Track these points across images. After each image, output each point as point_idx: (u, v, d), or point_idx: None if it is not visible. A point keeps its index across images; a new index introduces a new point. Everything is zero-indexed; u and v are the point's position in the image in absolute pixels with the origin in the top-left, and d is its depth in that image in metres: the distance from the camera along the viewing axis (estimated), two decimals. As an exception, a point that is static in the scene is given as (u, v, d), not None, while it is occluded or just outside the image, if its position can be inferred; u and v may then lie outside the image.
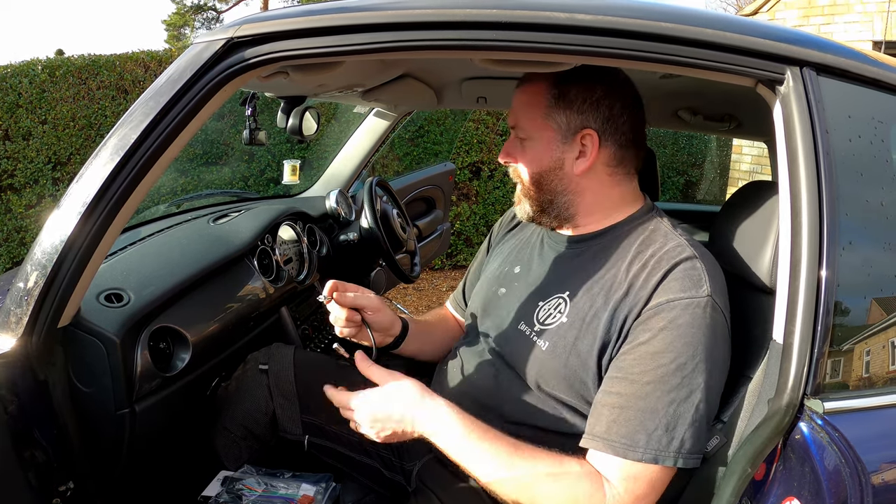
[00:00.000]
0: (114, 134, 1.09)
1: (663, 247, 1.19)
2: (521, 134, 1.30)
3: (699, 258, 1.15)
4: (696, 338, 1.08)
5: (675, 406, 1.06)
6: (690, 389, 1.06)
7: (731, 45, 1.03)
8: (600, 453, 1.09)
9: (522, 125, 1.30)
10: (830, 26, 6.71)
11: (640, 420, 1.06)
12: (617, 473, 1.06)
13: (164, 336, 1.51)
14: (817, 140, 1.01)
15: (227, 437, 1.55)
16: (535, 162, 1.30)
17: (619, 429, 1.07)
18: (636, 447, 1.05)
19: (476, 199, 6.45)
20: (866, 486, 0.93)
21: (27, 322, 1.12)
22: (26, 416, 1.16)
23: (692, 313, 1.09)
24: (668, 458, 1.05)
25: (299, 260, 2.23)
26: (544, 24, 1.01)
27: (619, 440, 1.07)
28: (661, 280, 1.14)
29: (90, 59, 5.54)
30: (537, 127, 1.28)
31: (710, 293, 1.11)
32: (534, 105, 1.28)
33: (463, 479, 1.30)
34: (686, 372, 1.07)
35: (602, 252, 1.26)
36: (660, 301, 1.12)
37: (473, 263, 1.72)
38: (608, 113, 1.25)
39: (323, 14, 1.04)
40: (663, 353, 1.08)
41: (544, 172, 1.29)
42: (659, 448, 1.05)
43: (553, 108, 1.26)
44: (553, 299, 1.27)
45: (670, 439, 1.05)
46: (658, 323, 1.10)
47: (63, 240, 1.09)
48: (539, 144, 1.28)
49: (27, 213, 5.38)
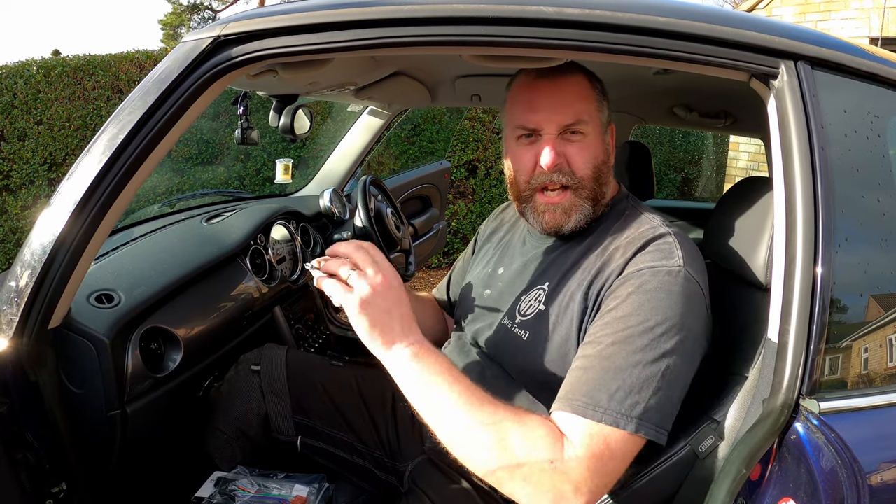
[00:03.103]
0: (103, 133, 1.08)
1: (637, 229, 1.20)
2: (581, 128, 1.23)
3: (672, 234, 1.16)
4: (666, 303, 1.05)
5: (640, 368, 1.02)
6: (658, 354, 1.02)
7: (724, 39, 1.02)
8: (561, 412, 1.04)
9: (585, 119, 1.23)
10: (827, 23, 6.70)
11: (603, 379, 1.02)
12: (576, 432, 1.00)
13: (156, 337, 1.51)
14: (812, 135, 1.00)
15: (219, 437, 1.55)
16: (594, 156, 1.25)
17: (581, 388, 1.03)
18: (597, 406, 1.00)
19: (472, 198, 6.44)
20: (863, 488, 0.92)
21: (17, 323, 1.11)
22: (17, 417, 1.16)
23: (662, 279, 1.08)
24: (630, 423, 0.99)
25: (292, 259, 2.22)
26: (533, 19, 1.00)
27: (580, 398, 1.02)
28: (633, 255, 1.13)
29: (85, 59, 5.53)
30: (595, 119, 1.25)
31: (683, 264, 1.10)
32: (588, 98, 1.24)
33: (455, 481, 1.29)
34: (654, 335, 1.03)
35: (580, 243, 1.27)
36: (630, 271, 1.11)
37: (460, 261, 1.72)
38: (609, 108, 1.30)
39: (310, 11, 1.03)
40: (630, 316, 1.06)
41: (600, 164, 1.26)
42: (620, 411, 0.99)
43: (601, 101, 1.26)
44: (533, 291, 1.27)
45: (633, 403, 1.00)
46: (627, 289, 1.09)
47: (53, 239, 1.09)
48: (594, 137, 1.25)
49: (23, 214, 5.37)
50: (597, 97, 1.26)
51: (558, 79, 1.23)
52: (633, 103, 2.31)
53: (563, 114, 1.22)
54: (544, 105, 1.23)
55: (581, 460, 0.98)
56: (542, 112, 1.22)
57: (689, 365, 1.07)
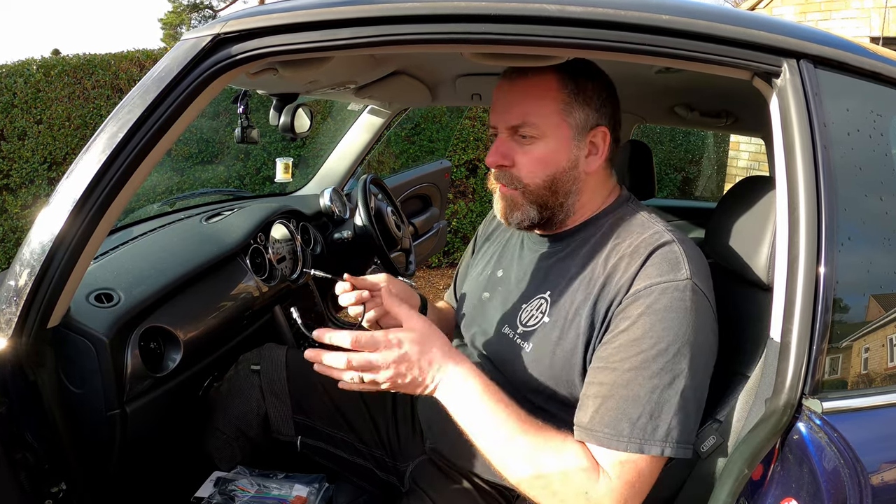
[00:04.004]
0: (102, 131, 1.08)
1: (640, 235, 1.17)
2: (530, 132, 1.20)
3: (677, 242, 1.13)
4: (676, 321, 1.05)
5: (658, 392, 1.03)
6: (674, 375, 1.03)
7: (726, 38, 1.01)
8: (588, 444, 1.06)
9: (534, 122, 1.19)
10: (828, 22, 6.70)
11: (623, 408, 1.03)
12: (606, 462, 1.04)
13: (155, 336, 1.50)
14: (815, 133, 1.00)
15: (219, 437, 1.55)
16: (549, 163, 1.21)
17: (602, 418, 1.05)
18: (620, 436, 1.02)
19: (473, 197, 6.44)
20: (865, 487, 0.92)
21: (16, 322, 1.11)
22: (17, 417, 1.16)
23: (671, 296, 1.07)
24: (654, 447, 1.02)
25: (292, 258, 2.22)
26: (535, 17, 0.99)
27: (603, 430, 1.04)
28: (639, 268, 1.11)
29: (85, 58, 5.52)
30: (552, 123, 1.19)
31: (690, 276, 1.08)
32: (547, 100, 1.19)
33: (456, 481, 1.29)
34: (668, 357, 1.04)
35: (580, 247, 1.24)
36: (638, 288, 1.10)
37: (462, 262, 1.71)
38: (614, 109, 1.24)
39: (309, 9, 1.02)
40: (643, 339, 1.06)
41: (560, 173, 1.21)
42: (644, 437, 1.02)
43: (571, 103, 1.19)
44: (535, 300, 1.25)
45: (655, 427, 1.02)
46: (637, 309, 1.08)
47: (52, 238, 1.08)
48: (554, 143, 1.20)
49: (23, 213, 5.36)
50: (565, 98, 1.19)
51: (519, 79, 1.22)
52: (633, 102, 2.30)
53: (509, 114, 1.21)
54: (498, 105, 1.24)
55: (614, 490, 1.02)
56: (495, 112, 1.24)
57: (704, 377, 1.08)
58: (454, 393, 1.08)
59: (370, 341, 1.05)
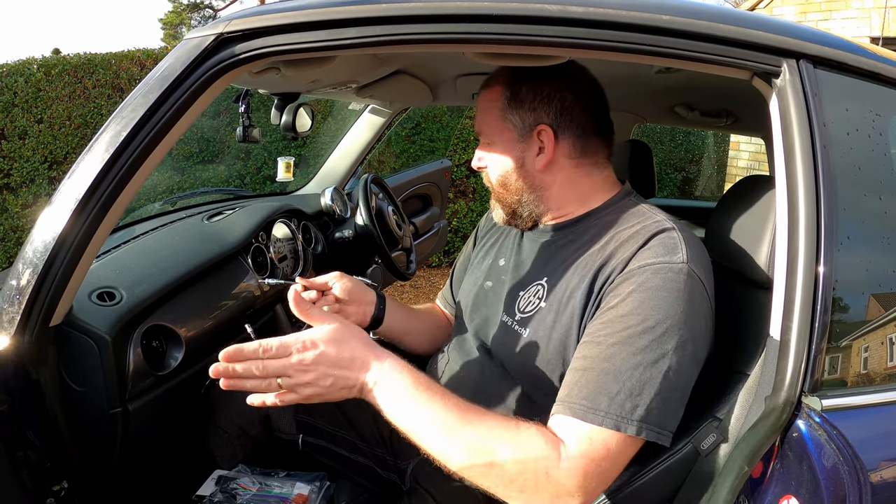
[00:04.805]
0: (105, 131, 1.08)
1: (641, 223, 1.18)
2: (485, 139, 1.33)
3: (677, 230, 1.14)
4: (668, 301, 1.04)
5: (640, 370, 1.01)
6: (659, 354, 1.02)
7: (726, 38, 1.02)
8: (561, 416, 1.03)
9: (484, 130, 1.33)
10: (828, 22, 6.70)
11: (603, 382, 1.01)
12: (574, 436, 1.00)
13: (157, 334, 1.50)
14: (814, 133, 1.00)
15: (221, 436, 1.55)
16: (499, 164, 1.31)
17: (581, 390, 1.03)
18: (597, 410, 1.00)
19: (473, 196, 6.44)
20: (864, 485, 0.92)
21: (19, 321, 1.11)
22: (19, 415, 1.16)
23: (664, 276, 1.06)
24: (631, 426, 0.99)
25: (294, 257, 2.22)
26: (536, 17, 1.00)
27: (580, 402, 1.02)
28: (636, 250, 1.12)
29: (86, 57, 5.52)
30: (496, 130, 1.30)
31: (687, 261, 1.08)
32: (491, 109, 1.30)
33: (457, 479, 1.29)
34: (654, 335, 1.02)
35: (579, 237, 1.26)
36: (632, 267, 1.10)
37: (459, 258, 1.72)
38: (560, 106, 1.25)
39: (313, 9, 1.03)
40: (630, 315, 1.05)
41: (508, 173, 1.31)
42: (621, 414, 0.99)
43: (507, 109, 1.28)
44: (532, 286, 1.27)
45: (634, 406, 1.00)
46: (628, 287, 1.08)
47: (54, 237, 1.09)
48: (500, 146, 1.30)
49: (23, 212, 5.37)
50: (503, 105, 1.28)
51: (481, 92, 1.35)
52: (633, 102, 2.31)
53: (475, 124, 1.36)
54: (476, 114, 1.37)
55: (577, 466, 0.99)
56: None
57: (692, 364, 1.06)
58: (384, 390, 1.03)
59: (281, 347, 0.99)
